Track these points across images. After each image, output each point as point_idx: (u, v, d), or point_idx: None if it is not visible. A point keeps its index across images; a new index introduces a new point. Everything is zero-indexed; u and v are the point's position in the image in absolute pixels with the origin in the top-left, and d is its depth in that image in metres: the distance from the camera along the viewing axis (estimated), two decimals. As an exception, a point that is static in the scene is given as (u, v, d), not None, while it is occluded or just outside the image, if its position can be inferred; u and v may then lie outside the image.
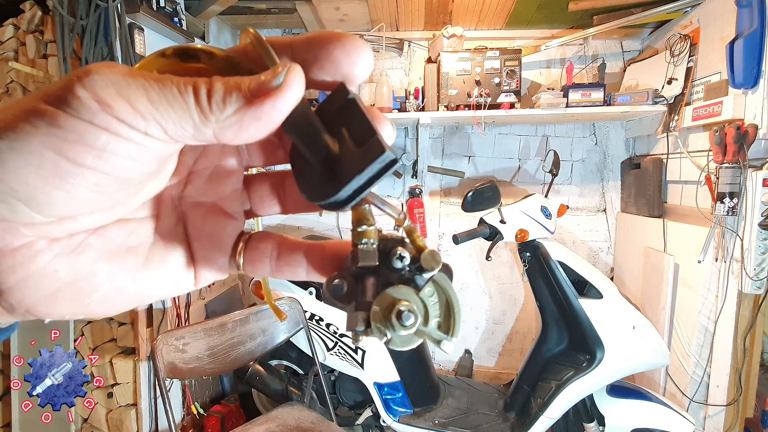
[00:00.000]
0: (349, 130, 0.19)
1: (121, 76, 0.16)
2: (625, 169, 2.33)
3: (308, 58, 0.19)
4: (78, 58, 1.48)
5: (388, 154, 0.18)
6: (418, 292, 0.20)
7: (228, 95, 0.16)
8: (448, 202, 2.51)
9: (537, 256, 1.67)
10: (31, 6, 1.65)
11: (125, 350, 1.70)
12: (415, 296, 0.20)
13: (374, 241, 0.21)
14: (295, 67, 0.17)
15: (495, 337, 2.56)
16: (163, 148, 0.17)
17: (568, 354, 1.68)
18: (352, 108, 0.19)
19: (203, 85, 0.16)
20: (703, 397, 1.70)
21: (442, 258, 0.21)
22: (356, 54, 0.19)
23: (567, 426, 1.76)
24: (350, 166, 0.18)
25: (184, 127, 0.17)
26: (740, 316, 1.59)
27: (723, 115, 1.56)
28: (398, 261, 0.20)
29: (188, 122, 0.16)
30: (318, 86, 0.20)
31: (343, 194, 0.19)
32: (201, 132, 0.17)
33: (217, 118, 0.16)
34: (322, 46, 0.19)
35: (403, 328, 0.19)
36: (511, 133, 2.44)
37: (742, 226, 1.53)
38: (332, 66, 0.19)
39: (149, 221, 0.22)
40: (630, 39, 2.33)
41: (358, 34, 2.37)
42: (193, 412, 1.82)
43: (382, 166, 0.18)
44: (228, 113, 0.16)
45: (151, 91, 0.16)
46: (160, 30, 1.73)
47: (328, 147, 0.19)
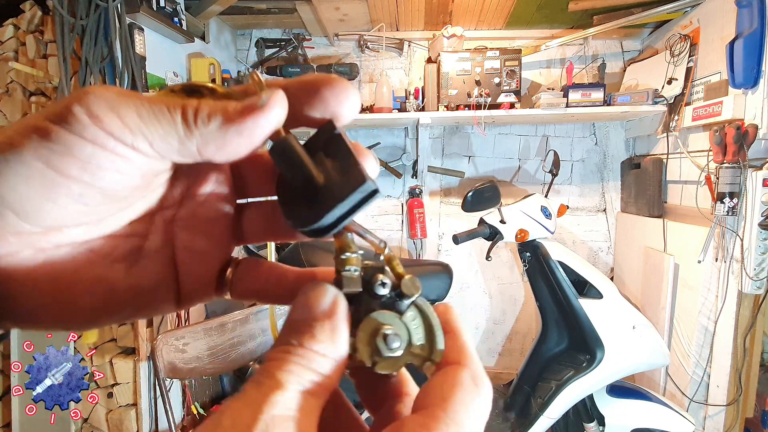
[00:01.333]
0: (333, 161, 0.20)
1: (116, 95, 0.17)
2: (625, 169, 2.33)
3: (301, 96, 0.20)
4: (78, 58, 1.48)
5: (369, 184, 0.19)
6: (401, 316, 0.21)
7: (213, 114, 0.18)
8: (448, 202, 2.51)
9: (537, 256, 1.67)
10: (31, 6, 1.65)
11: (125, 350, 1.70)
12: (398, 321, 0.21)
13: (357, 268, 0.21)
14: (278, 91, 0.19)
15: (495, 337, 2.56)
16: (149, 164, 0.18)
17: (568, 354, 1.68)
18: (337, 141, 0.20)
19: (192, 105, 0.18)
20: (703, 397, 1.70)
21: (420, 284, 0.22)
22: (344, 95, 0.20)
23: (567, 426, 1.76)
24: (333, 195, 0.19)
25: (170, 142, 0.17)
26: (740, 316, 1.59)
27: (723, 115, 1.56)
28: (380, 287, 0.21)
29: (173, 136, 0.17)
30: (309, 123, 0.21)
31: (326, 221, 0.20)
32: (185, 146, 0.18)
33: (201, 133, 0.17)
34: (313, 87, 0.20)
35: (390, 351, 0.20)
36: (511, 133, 2.44)
37: (742, 226, 1.53)
38: (322, 105, 0.20)
39: (137, 240, 0.22)
40: (630, 39, 2.33)
41: (358, 33, 2.37)
42: (193, 412, 1.82)
43: (364, 196, 0.20)
44: (212, 128, 0.18)
45: (142, 108, 0.17)
46: (160, 30, 1.73)
47: (313, 176, 0.20)
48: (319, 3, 1.98)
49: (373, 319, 0.21)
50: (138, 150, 0.17)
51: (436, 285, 1.77)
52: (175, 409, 1.68)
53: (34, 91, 1.66)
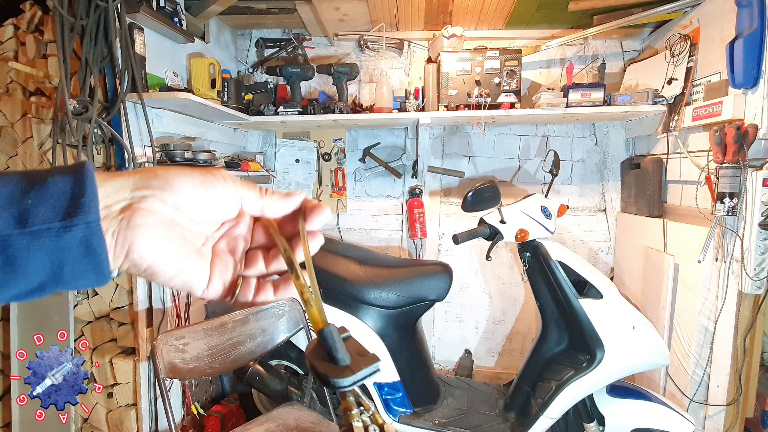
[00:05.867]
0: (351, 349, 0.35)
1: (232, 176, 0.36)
2: (625, 169, 2.33)
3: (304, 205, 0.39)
4: (78, 58, 1.48)
5: (377, 364, 0.35)
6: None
7: (274, 192, 0.37)
8: (448, 202, 2.51)
9: (537, 256, 1.67)
10: (31, 6, 1.65)
11: (125, 350, 1.70)
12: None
13: (359, 420, 0.36)
14: (303, 193, 0.38)
15: (495, 337, 2.56)
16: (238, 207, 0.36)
17: (568, 354, 1.68)
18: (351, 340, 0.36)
19: (264, 188, 0.37)
20: (703, 397, 1.70)
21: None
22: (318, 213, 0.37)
23: (567, 426, 1.76)
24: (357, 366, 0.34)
25: (252, 199, 0.36)
26: (740, 316, 1.59)
27: (723, 115, 1.56)
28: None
29: (256, 196, 0.36)
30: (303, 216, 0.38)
31: (346, 382, 0.33)
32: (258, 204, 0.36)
33: (266, 199, 0.36)
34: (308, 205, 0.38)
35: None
36: (511, 133, 2.44)
37: (742, 226, 1.53)
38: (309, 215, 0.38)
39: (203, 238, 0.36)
40: (630, 39, 2.33)
41: (358, 33, 2.37)
42: (193, 412, 1.82)
43: (373, 371, 0.34)
44: (274, 198, 0.37)
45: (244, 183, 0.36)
46: (160, 30, 1.73)
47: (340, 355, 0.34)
48: (319, 3, 1.98)
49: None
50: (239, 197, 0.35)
51: (436, 285, 1.77)
52: (175, 409, 1.68)
53: (33, 91, 1.66)
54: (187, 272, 0.33)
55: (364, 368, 0.33)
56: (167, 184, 0.31)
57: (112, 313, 1.69)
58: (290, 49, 2.34)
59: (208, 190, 0.33)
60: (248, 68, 2.47)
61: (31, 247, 0.26)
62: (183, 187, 0.32)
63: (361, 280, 1.74)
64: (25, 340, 1.63)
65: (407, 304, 1.76)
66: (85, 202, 0.27)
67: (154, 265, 0.31)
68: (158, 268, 0.31)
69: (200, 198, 0.33)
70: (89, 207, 0.27)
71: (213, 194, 0.33)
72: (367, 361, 0.34)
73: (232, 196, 0.34)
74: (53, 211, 0.26)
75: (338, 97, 2.19)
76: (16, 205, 0.26)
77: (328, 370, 0.34)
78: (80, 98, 1.45)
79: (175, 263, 0.32)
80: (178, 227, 0.32)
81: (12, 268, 0.25)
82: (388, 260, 1.91)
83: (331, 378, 0.33)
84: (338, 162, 2.48)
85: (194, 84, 1.92)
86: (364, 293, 1.72)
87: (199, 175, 0.33)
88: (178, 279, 0.33)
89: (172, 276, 0.32)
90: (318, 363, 0.34)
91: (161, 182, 0.31)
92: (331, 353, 0.34)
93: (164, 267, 0.31)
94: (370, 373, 0.34)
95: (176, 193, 0.31)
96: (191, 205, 0.32)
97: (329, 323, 0.34)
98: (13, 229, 0.25)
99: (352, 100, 2.38)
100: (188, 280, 0.33)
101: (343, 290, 1.73)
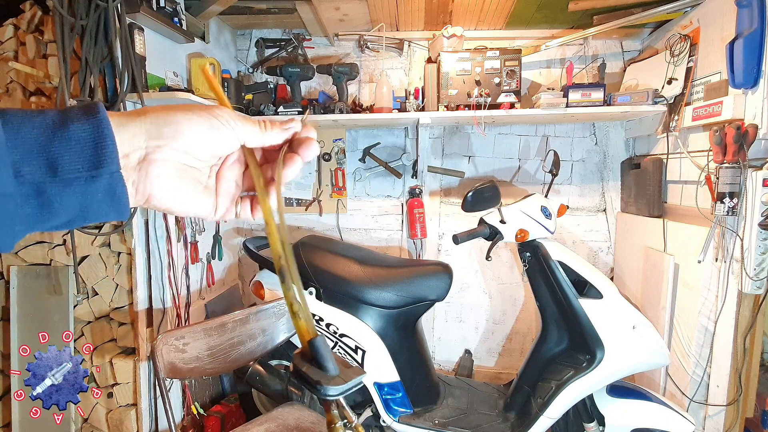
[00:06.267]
0: (337, 361, 0.38)
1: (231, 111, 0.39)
2: (625, 169, 2.33)
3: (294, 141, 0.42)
4: (78, 58, 1.48)
5: (363, 376, 0.38)
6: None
7: (274, 123, 0.40)
8: (448, 202, 2.51)
9: (537, 256, 1.67)
10: (31, 6, 1.65)
11: (125, 350, 1.70)
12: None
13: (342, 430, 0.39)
14: (298, 122, 0.42)
15: (495, 337, 2.56)
16: (238, 141, 0.39)
17: (568, 354, 1.68)
18: (334, 353, 0.48)
19: (264, 119, 0.40)
20: (703, 397, 1.70)
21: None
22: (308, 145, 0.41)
23: (567, 426, 1.76)
24: (347, 376, 0.36)
25: (252, 134, 0.39)
26: (740, 316, 1.59)
27: (723, 115, 1.56)
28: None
29: (256, 131, 0.39)
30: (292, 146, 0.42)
31: (334, 391, 0.35)
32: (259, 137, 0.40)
33: (268, 130, 0.40)
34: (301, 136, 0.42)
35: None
36: (511, 133, 2.44)
37: (742, 226, 1.53)
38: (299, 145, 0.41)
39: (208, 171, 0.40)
40: (630, 39, 2.33)
41: (358, 33, 2.37)
42: (193, 412, 1.82)
43: (359, 382, 0.37)
44: (274, 132, 0.40)
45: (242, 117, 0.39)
46: (160, 30, 1.73)
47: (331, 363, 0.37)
48: (319, 3, 1.98)
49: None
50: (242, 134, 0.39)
51: (436, 285, 1.77)
52: (175, 409, 1.68)
53: (33, 91, 1.66)
54: (198, 206, 0.39)
55: (353, 378, 0.36)
56: (178, 133, 0.34)
57: (112, 313, 1.69)
58: (290, 49, 2.34)
59: (214, 133, 0.36)
60: (248, 68, 2.47)
61: (63, 192, 0.30)
62: (192, 133, 0.35)
63: (361, 280, 1.74)
64: (25, 339, 1.63)
65: (407, 304, 1.76)
66: (107, 153, 0.30)
67: (170, 207, 0.37)
68: (173, 207, 0.37)
69: (207, 141, 0.36)
70: (111, 158, 0.31)
71: (218, 136, 0.37)
72: (354, 372, 0.37)
73: (235, 134, 0.38)
74: (80, 160, 0.30)
75: (338, 97, 2.19)
76: (45, 152, 0.29)
77: (320, 378, 0.36)
78: (80, 98, 1.45)
79: (187, 201, 0.38)
80: (189, 170, 0.37)
81: (47, 210, 0.30)
82: (388, 260, 1.91)
83: (323, 385, 0.35)
84: (338, 162, 2.48)
85: (194, 84, 1.92)
86: (364, 293, 1.72)
87: (206, 121, 0.36)
88: (191, 212, 0.39)
89: (185, 211, 0.38)
90: (308, 369, 0.36)
91: (172, 130, 0.34)
92: (322, 362, 0.36)
93: (178, 206, 0.37)
94: (357, 384, 0.37)
95: (186, 140, 0.35)
96: (199, 148, 0.36)
97: (318, 334, 0.37)
98: (46, 176, 0.29)
99: (352, 100, 2.38)
100: (199, 211, 0.39)
101: (343, 290, 1.73)
